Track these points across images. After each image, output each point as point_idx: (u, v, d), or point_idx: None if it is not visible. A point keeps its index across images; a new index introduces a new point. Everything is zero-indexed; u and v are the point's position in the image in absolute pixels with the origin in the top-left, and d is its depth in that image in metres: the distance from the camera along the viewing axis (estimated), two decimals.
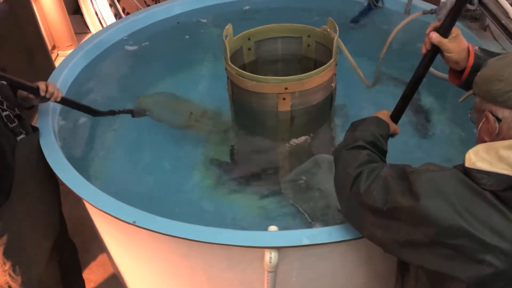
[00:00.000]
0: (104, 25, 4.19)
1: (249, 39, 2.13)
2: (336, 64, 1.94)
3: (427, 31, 1.39)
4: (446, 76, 1.71)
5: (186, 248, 1.53)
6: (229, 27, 2.00)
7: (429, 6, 2.41)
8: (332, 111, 2.14)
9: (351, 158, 1.29)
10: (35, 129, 1.84)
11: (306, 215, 1.79)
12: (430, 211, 1.02)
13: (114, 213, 1.50)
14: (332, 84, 2.00)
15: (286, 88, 1.84)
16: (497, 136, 1.06)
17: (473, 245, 0.99)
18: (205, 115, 2.32)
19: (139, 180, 2.00)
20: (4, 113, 1.71)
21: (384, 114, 1.49)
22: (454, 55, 1.34)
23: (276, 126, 2.03)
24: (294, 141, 2.08)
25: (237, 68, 1.88)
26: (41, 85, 1.78)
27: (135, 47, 2.67)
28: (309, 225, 1.75)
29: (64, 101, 1.91)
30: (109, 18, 4.22)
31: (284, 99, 1.87)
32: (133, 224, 1.46)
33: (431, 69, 1.85)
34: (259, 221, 1.82)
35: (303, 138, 2.08)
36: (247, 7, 2.89)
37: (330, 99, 2.04)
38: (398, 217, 1.10)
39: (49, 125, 1.89)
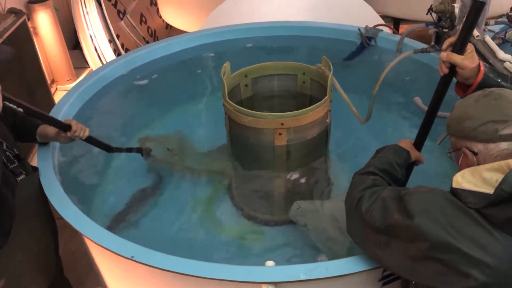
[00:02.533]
0: (103, 61, 4.27)
1: (246, 76, 2.19)
2: (330, 101, 2.00)
3: (444, 47, 1.41)
4: (440, 113, 1.77)
5: (183, 283, 1.53)
6: (227, 65, 2.06)
7: (420, 45, 2.50)
8: (327, 145, 2.18)
9: (359, 182, 1.40)
10: (35, 169, 1.84)
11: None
12: (422, 228, 1.12)
13: (113, 248, 1.51)
14: (327, 120, 2.05)
15: (282, 124, 1.88)
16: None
17: (461, 259, 1.07)
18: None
19: (137, 215, 2.01)
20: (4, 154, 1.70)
21: (407, 143, 1.57)
22: (467, 72, 1.36)
23: (272, 160, 2.06)
24: (290, 175, 2.11)
25: (234, 104, 1.93)
26: (74, 124, 1.81)
27: (135, 84, 2.72)
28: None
29: (87, 139, 1.93)
30: (108, 53, 4.30)
31: (280, 134, 1.92)
32: (132, 259, 1.47)
33: (420, 103, 1.92)
34: (256, 253, 1.83)
35: (298, 171, 2.11)
36: (250, 45, 2.97)
37: (325, 134, 2.08)
38: (396, 234, 1.19)
39: (49, 160, 1.91)
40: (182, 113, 2.61)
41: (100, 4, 4.27)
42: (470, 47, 1.37)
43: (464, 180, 1.13)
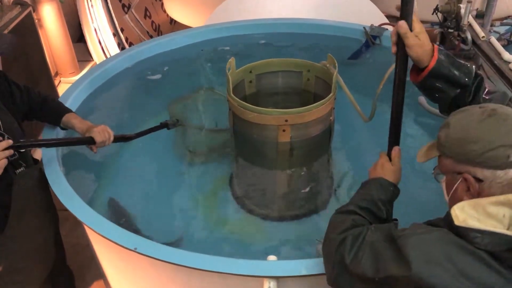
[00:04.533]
0: (107, 54, 4.27)
1: (250, 72, 2.19)
2: (335, 99, 2.00)
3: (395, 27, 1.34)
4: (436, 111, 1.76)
5: (186, 276, 1.54)
6: (232, 60, 2.06)
7: None
8: (330, 143, 2.18)
9: (338, 223, 1.24)
10: (36, 162, 1.84)
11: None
12: (424, 279, 0.96)
13: (116, 239, 1.52)
14: (331, 118, 2.05)
15: (286, 120, 1.89)
16: (479, 196, 1.04)
17: None
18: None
19: (140, 206, 2.02)
20: None
21: (394, 171, 1.39)
22: (414, 52, 1.29)
23: (275, 156, 2.07)
24: (293, 171, 2.11)
25: (239, 100, 1.93)
26: (96, 135, 1.80)
27: (139, 77, 2.73)
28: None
29: (115, 139, 1.92)
30: (112, 47, 4.31)
31: (284, 130, 1.92)
32: (134, 250, 1.48)
33: (425, 104, 1.92)
34: (258, 248, 1.83)
35: (301, 168, 2.12)
36: (254, 41, 2.97)
37: (328, 131, 2.08)
38: (392, 286, 1.04)
39: (53, 151, 1.92)
40: (186, 106, 2.61)
41: None
42: (419, 27, 1.31)
43: (467, 215, 0.99)
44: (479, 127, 1.05)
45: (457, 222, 0.99)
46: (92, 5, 4.22)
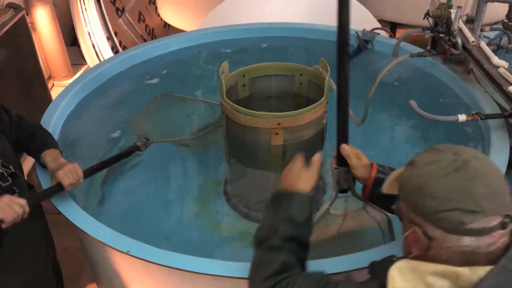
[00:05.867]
0: (101, 58, 4.27)
1: (244, 75, 2.21)
2: (327, 102, 2.02)
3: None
4: (435, 117, 1.79)
5: (178, 278, 1.55)
6: (225, 64, 2.07)
7: (416, 50, 2.53)
8: (323, 146, 2.20)
9: (263, 266, 1.16)
10: (31, 187, 1.75)
11: None
12: None
13: (109, 242, 1.52)
14: (323, 121, 2.07)
15: (279, 124, 1.90)
16: (426, 252, 0.96)
17: None
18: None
19: (132, 209, 2.02)
20: None
21: (305, 178, 1.35)
22: (359, 171, 1.39)
23: (268, 159, 2.08)
24: None
25: (232, 103, 1.94)
26: (64, 180, 1.65)
27: (132, 81, 2.74)
28: None
29: (86, 175, 1.76)
30: (106, 51, 4.31)
31: (276, 134, 1.93)
32: (127, 253, 1.48)
33: (416, 108, 1.94)
34: (251, 251, 1.84)
35: None
36: (248, 45, 2.99)
37: (321, 134, 2.10)
38: None
39: None
40: (179, 111, 2.62)
41: (98, 1, 4.28)
42: (356, 150, 1.43)
43: (402, 279, 0.92)
44: (440, 182, 0.93)
45: (390, 285, 0.93)
46: (85, 9, 4.22)
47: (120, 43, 4.46)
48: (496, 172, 0.96)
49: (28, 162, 2.56)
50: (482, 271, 0.90)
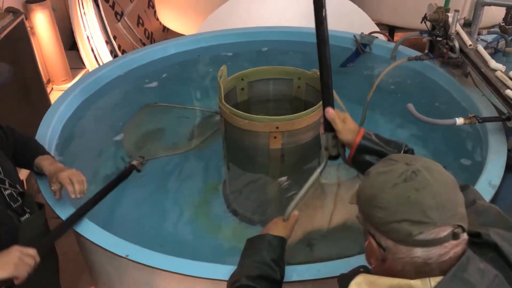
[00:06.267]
0: (100, 62, 4.28)
1: (242, 79, 2.21)
2: None
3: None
4: (433, 120, 1.79)
5: (177, 282, 1.55)
6: (223, 68, 2.08)
7: (414, 53, 2.54)
8: (321, 149, 2.20)
9: None
10: (41, 206, 1.71)
11: None
12: None
13: (108, 247, 1.52)
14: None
15: (277, 127, 1.91)
16: (382, 262, 0.97)
17: None
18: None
19: (130, 213, 2.02)
20: (7, 192, 1.56)
21: (280, 226, 1.42)
22: (344, 135, 1.37)
23: (267, 163, 2.08)
24: (285, 178, 2.13)
25: (230, 107, 1.95)
26: (67, 182, 1.62)
27: (131, 85, 2.74)
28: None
29: (88, 208, 1.69)
30: (105, 55, 4.31)
31: (275, 137, 1.94)
32: (126, 257, 1.48)
33: (414, 111, 1.95)
34: None
35: (292, 174, 2.13)
36: (246, 49, 3.00)
37: (319, 138, 2.10)
38: None
39: None
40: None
41: (97, 5, 4.28)
42: (343, 114, 1.40)
43: None
44: (390, 192, 0.92)
45: None
46: (84, 13, 4.23)
47: (119, 47, 4.47)
48: (448, 183, 0.95)
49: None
50: (433, 281, 0.90)
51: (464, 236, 0.93)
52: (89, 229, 1.61)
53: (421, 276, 0.91)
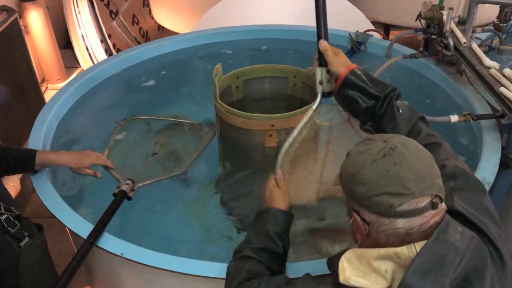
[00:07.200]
0: (95, 60, 4.26)
1: (237, 78, 2.21)
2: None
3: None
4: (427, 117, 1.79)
5: (173, 280, 1.55)
6: (218, 66, 2.08)
7: (409, 51, 2.55)
8: (317, 148, 2.20)
9: (233, 274, 1.25)
10: (39, 228, 1.65)
11: None
12: None
13: (102, 245, 1.52)
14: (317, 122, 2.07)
15: (272, 125, 1.91)
16: (368, 237, 1.01)
17: None
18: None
19: (126, 214, 2.02)
20: (3, 217, 1.51)
21: (278, 196, 1.42)
22: (334, 67, 1.41)
23: (262, 161, 2.08)
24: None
25: (225, 105, 1.95)
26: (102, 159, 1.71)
27: (126, 84, 2.73)
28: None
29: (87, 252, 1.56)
30: (99, 53, 4.30)
31: (270, 135, 1.94)
32: (121, 256, 1.48)
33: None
34: None
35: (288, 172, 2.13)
36: (241, 47, 3.00)
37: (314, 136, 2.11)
38: None
39: None
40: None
41: (92, 4, 4.26)
42: (337, 49, 1.44)
43: (352, 268, 0.97)
44: (370, 168, 0.98)
45: (341, 279, 0.97)
46: (79, 11, 4.21)
47: (114, 45, 4.45)
48: (423, 156, 1.00)
49: None
50: (418, 246, 0.95)
51: (443, 205, 0.99)
52: (84, 228, 1.61)
53: (405, 245, 0.96)
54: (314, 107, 1.52)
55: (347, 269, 0.97)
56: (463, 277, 0.94)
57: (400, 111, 1.37)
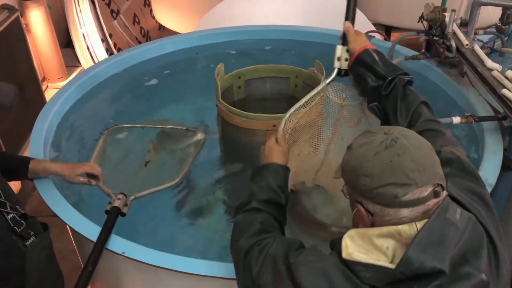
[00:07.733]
0: (96, 60, 4.26)
1: (239, 77, 2.21)
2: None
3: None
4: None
5: (172, 279, 1.54)
6: (220, 66, 2.08)
7: (411, 52, 2.54)
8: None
9: (245, 226, 1.25)
10: (45, 227, 1.64)
11: None
12: None
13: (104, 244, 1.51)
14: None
15: (274, 125, 1.90)
16: (372, 226, 1.03)
17: None
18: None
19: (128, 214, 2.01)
20: (9, 216, 1.50)
21: (277, 153, 1.44)
22: (352, 45, 1.51)
23: None
24: None
25: (227, 105, 1.95)
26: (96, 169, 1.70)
27: (127, 83, 2.73)
28: None
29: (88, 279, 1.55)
30: (100, 53, 4.29)
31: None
32: (122, 255, 1.48)
33: None
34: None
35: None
36: (243, 47, 2.99)
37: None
38: None
39: (41, 156, 1.91)
40: (174, 113, 2.61)
41: (93, 3, 4.26)
42: (358, 32, 1.55)
43: (354, 245, 0.99)
44: (372, 160, 0.99)
45: (344, 254, 0.99)
46: (80, 10, 4.21)
47: (115, 45, 4.45)
48: (424, 147, 1.02)
49: None
50: (419, 224, 0.96)
51: (444, 193, 1.01)
52: (85, 226, 1.60)
53: None
54: (327, 81, 1.59)
55: (350, 246, 0.99)
56: (461, 255, 0.96)
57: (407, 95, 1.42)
